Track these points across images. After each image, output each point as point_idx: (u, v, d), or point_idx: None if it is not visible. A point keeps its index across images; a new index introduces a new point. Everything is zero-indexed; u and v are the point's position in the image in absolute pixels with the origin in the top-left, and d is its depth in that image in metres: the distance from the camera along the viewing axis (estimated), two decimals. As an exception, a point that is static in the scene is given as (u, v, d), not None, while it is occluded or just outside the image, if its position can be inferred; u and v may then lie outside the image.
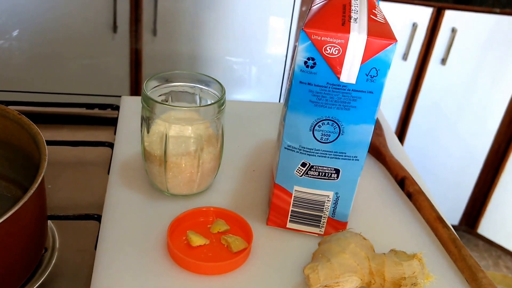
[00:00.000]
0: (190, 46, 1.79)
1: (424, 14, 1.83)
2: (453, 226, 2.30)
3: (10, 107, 0.89)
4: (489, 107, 2.02)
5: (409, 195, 0.75)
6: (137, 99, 0.84)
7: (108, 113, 0.95)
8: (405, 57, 1.89)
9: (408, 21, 1.83)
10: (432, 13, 1.82)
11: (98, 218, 0.69)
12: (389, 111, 2.01)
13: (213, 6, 1.71)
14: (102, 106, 0.94)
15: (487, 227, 2.26)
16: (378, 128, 0.88)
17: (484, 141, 2.10)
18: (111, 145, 0.83)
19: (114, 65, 1.78)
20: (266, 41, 1.83)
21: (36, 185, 0.53)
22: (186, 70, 0.70)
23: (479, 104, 2.01)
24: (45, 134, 0.87)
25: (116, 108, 0.92)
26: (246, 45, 1.82)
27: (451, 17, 1.82)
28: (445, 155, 2.13)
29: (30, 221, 0.56)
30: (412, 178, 0.76)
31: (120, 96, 0.94)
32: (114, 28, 1.72)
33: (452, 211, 2.27)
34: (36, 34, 1.66)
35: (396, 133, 2.06)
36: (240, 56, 1.84)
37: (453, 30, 1.84)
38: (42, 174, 0.55)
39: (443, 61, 1.89)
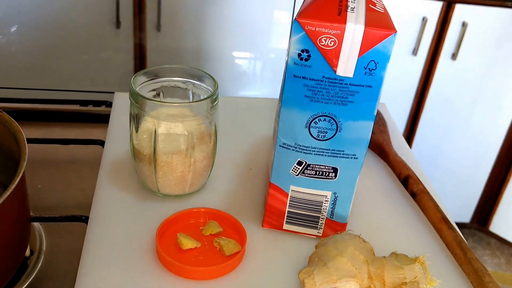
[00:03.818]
0: (194, 41, 1.77)
1: (434, 8, 1.80)
2: (464, 223, 2.28)
3: (1, 104, 0.87)
4: (500, 102, 1.99)
5: (413, 195, 0.71)
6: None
7: (105, 110, 0.92)
8: (415, 52, 1.86)
9: (418, 16, 1.81)
10: (442, 7, 1.80)
11: (85, 220, 0.66)
12: (399, 106, 1.99)
13: (216, 0, 1.69)
14: (96, 103, 0.91)
15: (499, 224, 2.24)
16: (382, 125, 0.84)
17: (496, 137, 2.07)
18: (103, 143, 0.80)
19: (118, 62, 1.76)
20: (269, 36, 1.80)
21: (13, 186, 0.50)
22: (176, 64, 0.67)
23: (490, 99, 1.98)
24: (38, 132, 0.85)
25: (110, 105, 0.89)
26: (250, 40, 1.80)
27: (461, 11, 1.80)
28: (456, 151, 2.10)
29: (8, 223, 0.54)
30: (417, 177, 0.73)
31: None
32: (117, 24, 1.69)
33: (463, 208, 2.24)
34: (36, 31, 1.64)
35: (406, 129, 2.04)
36: (244, 51, 1.82)
37: (464, 25, 1.81)
38: (21, 174, 0.52)
39: (454, 56, 1.87)
